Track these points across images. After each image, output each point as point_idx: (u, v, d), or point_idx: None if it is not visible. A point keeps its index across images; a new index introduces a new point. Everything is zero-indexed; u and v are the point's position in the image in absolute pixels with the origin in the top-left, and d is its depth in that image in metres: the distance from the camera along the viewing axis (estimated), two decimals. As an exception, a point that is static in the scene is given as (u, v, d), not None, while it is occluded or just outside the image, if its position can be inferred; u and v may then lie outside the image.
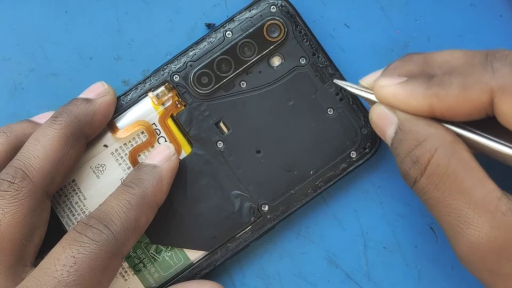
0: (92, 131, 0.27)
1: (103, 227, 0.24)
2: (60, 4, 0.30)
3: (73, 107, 0.26)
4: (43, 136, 0.25)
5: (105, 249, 0.23)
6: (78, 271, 0.22)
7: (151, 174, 0.26)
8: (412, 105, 0.23)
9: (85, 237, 0.23)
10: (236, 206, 0.28)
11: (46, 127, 0.25)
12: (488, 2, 0.29)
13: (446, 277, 0.29)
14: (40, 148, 0.25)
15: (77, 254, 0.23)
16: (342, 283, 0.29)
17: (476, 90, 0.21)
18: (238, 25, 0.28)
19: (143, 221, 0.25)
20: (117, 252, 0.24)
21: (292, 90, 0.28)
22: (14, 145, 0.26)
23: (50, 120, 0.26)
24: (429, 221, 0.29)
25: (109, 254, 0.23)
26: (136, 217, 0.25)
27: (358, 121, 0.28)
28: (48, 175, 0.25)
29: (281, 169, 0.28)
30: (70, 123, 0.25)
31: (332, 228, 0.29)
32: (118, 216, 0.24)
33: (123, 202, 0.25)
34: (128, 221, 0.24)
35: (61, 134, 0.25)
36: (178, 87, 0.28)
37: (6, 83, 0.30)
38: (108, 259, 0.23)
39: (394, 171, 0.29)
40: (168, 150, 0.27)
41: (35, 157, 0.24)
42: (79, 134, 0.26)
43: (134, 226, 0.24)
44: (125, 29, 0.30)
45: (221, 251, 0.28)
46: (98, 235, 0.23)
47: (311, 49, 0.28)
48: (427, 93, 0.22)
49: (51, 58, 0.30)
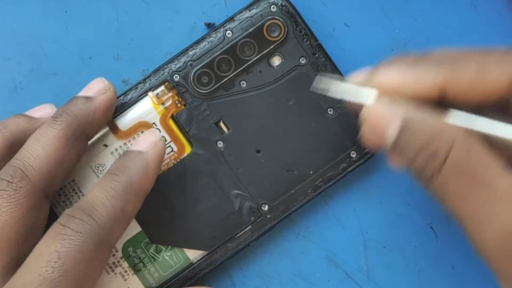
0: (93, 130, 0.26)
1: (87, 217, 0.23)
2: (60, 4, 0.30)
3: (73, 106, 0.26)
4: (43, 136, 0.25)
5: (90, 240, 0.22)
6: (63, 266, 0.22)
7: (137, 161, 0.25)
8: (423, 88, 0.21)
9: (69, 229, 0.22)
10: (236, 205, 0.28)
11: (46, 127, 0.25)
12: (488, 1, 0.29)
13: (446, 277, 0.29)
14: (40, 148, 0.24)
15: (60, 248, 0.22)
16: (342, 283, 0.29)
17: (496, 70, 0.20)
18: (238, 25, 0.28)
19: (130, 209, 0.24)
20: (104, 243, 0.23)
21: (292, 90, 0.28)
22: (10, 142, 0.26)
23: (51, 120, 0.25)
24: (429, 220, 0.29)
25: (95, 245, 0.22)
26: (122, 205, 0.24)
27: (358, 121, 0.28)
28: (48, 176, 0.24)
29: (281, 168, 0.28)
30: (70, 123, 0.25)
31: (332, 228, 0.29)
32: (103, 205, 0.23)
33: (108, 190, 0.24)
34: (114, 209, 0.23)
35: (62, 134, 0.25)
36: (178, 86, 0.28)
37: (6, 83, 0.29)
38: (94, 250, 0.22)
39: (395, 171, 0.29)
40: (154, 135, 0.26)
41: (35, 157, 0.24)
42: (80, 134, 0.25)
43: (120, 215, 0.24)
44: (125, 29, 0.30)
45: (221, 251, 0.28)
46: (82, 226, 0.22)
47: (311, 49, 0.28)
48: (441, 71, 0.21)
49: (51, 57, 0.30)
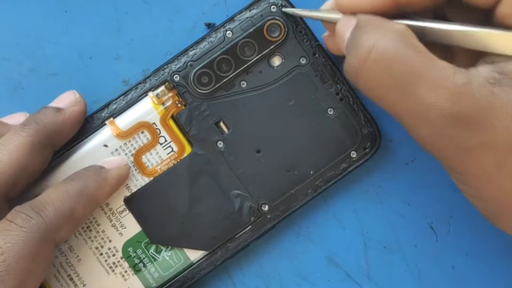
0: (60, 141, 0.27)
1: (34, 214, 0.23)
2: (59, 4, 0.30)
3: (42, 115, 0.26)
4: (9, 141, 0.25)
5: (34, 235, 0.23)
6: (5, 261, 0.22)
7: (95, 172, 0.26)
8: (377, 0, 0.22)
9: (14, 225, 0.23)
10: (236, 206, 0.28)
11: (13, 134, 0.25)
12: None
13: (446, 277, 0.29)
14: (5, 153, 0.25)
15: (3, 244, 0.22)
16: (342, 283, 0.29)
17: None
18: (238, 25, 0.28)
19: (80, 211, 0.25)
20: (48, 239, 0.23)
21: (293, 90, 0.28)
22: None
23: (19, 127, 0.26)
24: (429, 220, 0.29)
25: (39, 240, 0.23)
26: (72, 205, 0.25)
27: (359, 121, 0.28)
28: (10, 181, 0.25)
29: (281, 169, 0.28)
30: (38, 131, 0.25)
31: (332, 228, 0.29)
32: (52, 203, 0.24)
33: (60, 191, 0.25)
34: (63, 208, 0.24)
35: (28, 142, 0.25)
36: (178, 86, 0.28)
37: (6, 83, 0.29)
38: (37, 245, 0.23)
39: (395, 171, 0.29)
40: (120, 160, 0.27)
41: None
42: (45, 143, 0.26)
43: (68, 214, 0.24)
44: (125, 29, 0.30)
45: (221, 251, 0.28)
46: (27, 221, 0.23)
47: (311, 49, 0.28)
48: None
49: (51, 58, 0.30)
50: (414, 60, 0.21)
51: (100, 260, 0.28)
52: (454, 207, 0.29)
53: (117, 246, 0.28)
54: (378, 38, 0.21)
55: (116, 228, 0.28)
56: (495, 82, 0.20)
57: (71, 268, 0.28)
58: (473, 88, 0.20)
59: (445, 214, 0.29)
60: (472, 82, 0.20)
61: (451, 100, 0.20)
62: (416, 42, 0.21)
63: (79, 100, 0.27)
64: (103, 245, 0.28)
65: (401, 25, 0.22)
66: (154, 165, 0.28)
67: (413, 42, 0.21)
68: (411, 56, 0.21)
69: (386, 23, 0.22)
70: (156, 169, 0.28)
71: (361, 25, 0.22)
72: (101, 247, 0.28)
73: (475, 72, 0.21)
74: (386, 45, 0.21)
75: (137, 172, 0.28)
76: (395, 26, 0.22)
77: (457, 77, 0.20)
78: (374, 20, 0.22)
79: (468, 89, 0.20)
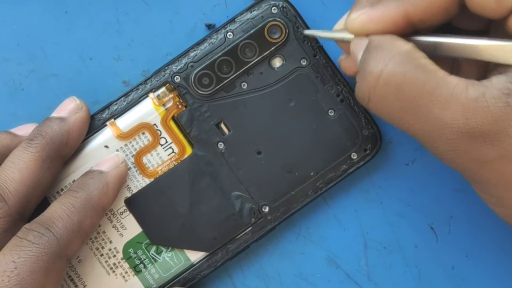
0: (68, 151, 0.27)
1: (44, 230, 0.24)
2: (60, 4, 0.30)
3: (48, 128, 0.26)
4: (19, 159, 0.25)
5: (47, 251, 0.23)
6: (19, 275, 0.22)
7: (96, 179, 0.26)
8: (388, 21, 0.22)
9: (26, 241, 0.23)
10: (237, 207, 0.28)
11: (21, 150, 0.25)
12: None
13: (446, 277, 0.29)
14: (16, 171, 0.25)
15: (17, 258, 0.23)
16: (342, 283, 0.29)
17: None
18: (239, 26, 0.28)
19: (88, 224, 0.25)
20: (60, 254, 0.24)
21: (293, 91, 0.28)
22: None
23: (26, 143, 0.26)
24: (429, 221, 0.29)
25: (51, 256, 0.23)
26: (79, 219, 0.25)
27: (359, 122, 0.28)
28: (24, 199, 0.25)
29: (282, 170, 0.28)
30: (45, 145, 0.26)
31: (332, 229, 0.29)
32: (60, 219, 0.24)
33: (66, 205, 0.25)
34: (71, 223, 0.24)
35: (37, 157, 0.25)
36: (179, 88, 0.28)
37: (7, 84, 0.29)
38: (50, 261, 0.23)
39: (395, 171, 0.29)
40: (116, 158, 0.27)
41: (11, 180, 0.25)
42: (54, 156, 0.26)
43: (77, 228, 0.25)
44: (125, 30, 0.30)
45: (221, 252, 0.28)
46: (38, 237, 0.23)
47: (312, 50, 0.28)
48: (400, 2, 0.22)
49: (51, 58, 0.30)
50: (423, 81, 0.21)
51: (100, 261, 0.28)
52: (454, 207, 0.29)
53: (118, 247, 0.28)
54: (386, 63, 0.21)
55: (117, 229, 0.28)
56: (510, 92, 0.20)
57: (71, 269, 0.28)
58: (487, 101, 0.20)
59: (445, 214, 0.29)
60: (486, 94, 0.20)
61: (465, 116, 0.20)
62: (425, 61, 0.21)
63: (80, 106, 0.27)
64: (104, 246, 0.28)
65: (409, 45, 0.22)
66: (154, 166, 0.28)
67: (421, 62, 0.21)
68: (421, 77, 0.21)
69: (395, 44, 0.22)
70: (157, 170, 0.28)
71: (370, 48, 0.22)
72: (101, 248, 0.28)
73: (489, 84, 0.21)
74: (394, 69, 0.21)
75: (137, 173, 0.28)
76: (403, 47, 0.21)
77: (470, 91, 0.20)
78: (384, 41, 0.22)
79: (482, 102, 0.20)
